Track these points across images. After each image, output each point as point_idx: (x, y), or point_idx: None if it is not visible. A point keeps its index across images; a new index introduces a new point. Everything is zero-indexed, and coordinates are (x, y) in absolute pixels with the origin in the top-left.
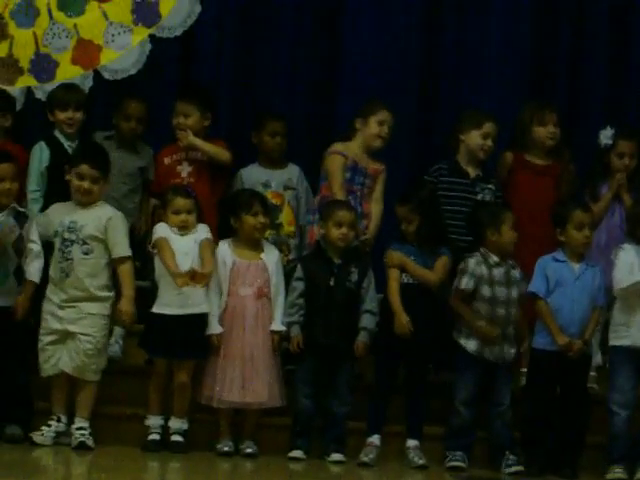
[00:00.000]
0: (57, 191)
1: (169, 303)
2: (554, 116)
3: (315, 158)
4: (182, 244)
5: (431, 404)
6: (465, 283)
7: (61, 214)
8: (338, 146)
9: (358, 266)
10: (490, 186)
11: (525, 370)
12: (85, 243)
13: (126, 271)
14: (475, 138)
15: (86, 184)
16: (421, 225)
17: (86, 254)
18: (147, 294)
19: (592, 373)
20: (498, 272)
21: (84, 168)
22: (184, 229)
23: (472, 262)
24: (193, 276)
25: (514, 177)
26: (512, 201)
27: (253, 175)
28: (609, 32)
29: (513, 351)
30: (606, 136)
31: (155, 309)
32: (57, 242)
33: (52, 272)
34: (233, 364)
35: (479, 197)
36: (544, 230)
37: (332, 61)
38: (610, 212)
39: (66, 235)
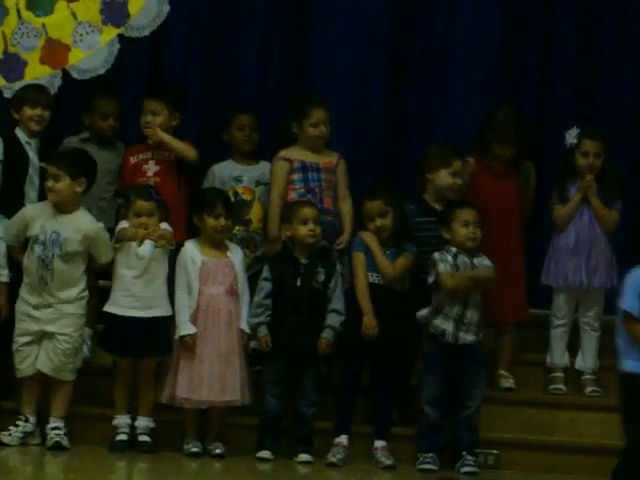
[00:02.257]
0: (10, 186)
1: (120, 303)
2: (512, 140)
3: None
4: (140, 248)
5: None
6: (443, 268)
7: (41, 218)
8: (282, 152)
9: (325, 266)
10: None
11: (504, 372)
12: (67, 254)
13: None
14: (444, 177)
15: (49, 182)
16: (394, 218)
17: (67, 263)
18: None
19: (559, 374)
20: (461, 259)
21: (47, 167)
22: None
23: (436, 254)
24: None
25: (477, 182)
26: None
27: (225, 170)
28: (578, 33)
29: (471, 338)
30: (571, 135)
31: (106, 307)
32: (36, 248)
33: (29, 276)
34: (211, 363)
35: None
36: (509, 233)
37: (301, 60)
38: (579, 214)
39: (48, 244)
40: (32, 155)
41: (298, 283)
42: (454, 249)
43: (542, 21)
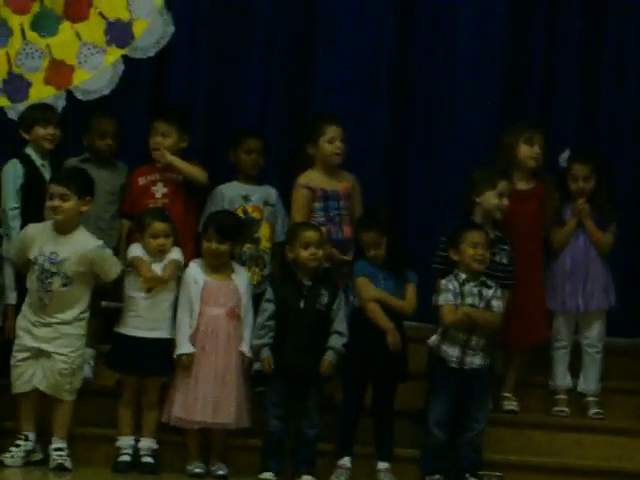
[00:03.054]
0: (32, 209)
1: (127, 324)
2: (541, 137)
3: (289, 178)
4: (153, 268)
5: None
6: (444, 299)
7: (40, 239)
8: (302, 179)
9: (328, 288)
10: (505, 247)
11: (508, 395)
12: (66, 277)
13: None
14: (491, 199)
15: (56, 202)
16: (389, 246)
17: (65, 286)
18: (117, 315)
19: (562, 396)
20: (469, 288)
21: (51, 187)
22: (161, 253)
23: (443, 281)
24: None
25: None
26: None
27: (233, 190)
28: (580, 51)
29: (478, 362)
30: (563, 159)
31: (116, 328)
32: (36, 270)
33: (30, 297)
34: (205, 384)
35: (496, 258)
36: (530, 256)
37: (305, 80)
38: (574, 237)
39: (46, 266)
40: (48, 178)
41: (301, 305)
42: (463, 275)
43: (544, 39)
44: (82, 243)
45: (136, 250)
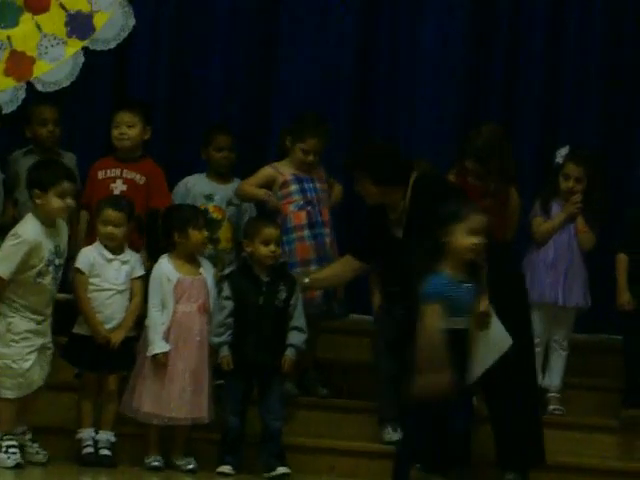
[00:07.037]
0: None
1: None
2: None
3: (250, 173)
4: (113, 274)
5: None
6: None
7: (41, 239)
8: (278, 163)
9: (286, 284)
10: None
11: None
12: (64, 260)
13: None
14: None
15: (68, 200)
16: None
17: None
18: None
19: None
20: None
21: (66, 185)
22: (112, 241)
23: None
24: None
25: None
26: None
27: (198, 186)
28: (544, 50)
29: None
30: (559, 155)
31: (75, 329)
32: (51, 270)
33: (35, 298)
34: (180, 380)
35: None
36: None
37: (267, 75)
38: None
39: (57, 261)
40: None
41: (260, 301)
42: None
43: (508, 36)
44: (64, 229)
45: (86, 258)
